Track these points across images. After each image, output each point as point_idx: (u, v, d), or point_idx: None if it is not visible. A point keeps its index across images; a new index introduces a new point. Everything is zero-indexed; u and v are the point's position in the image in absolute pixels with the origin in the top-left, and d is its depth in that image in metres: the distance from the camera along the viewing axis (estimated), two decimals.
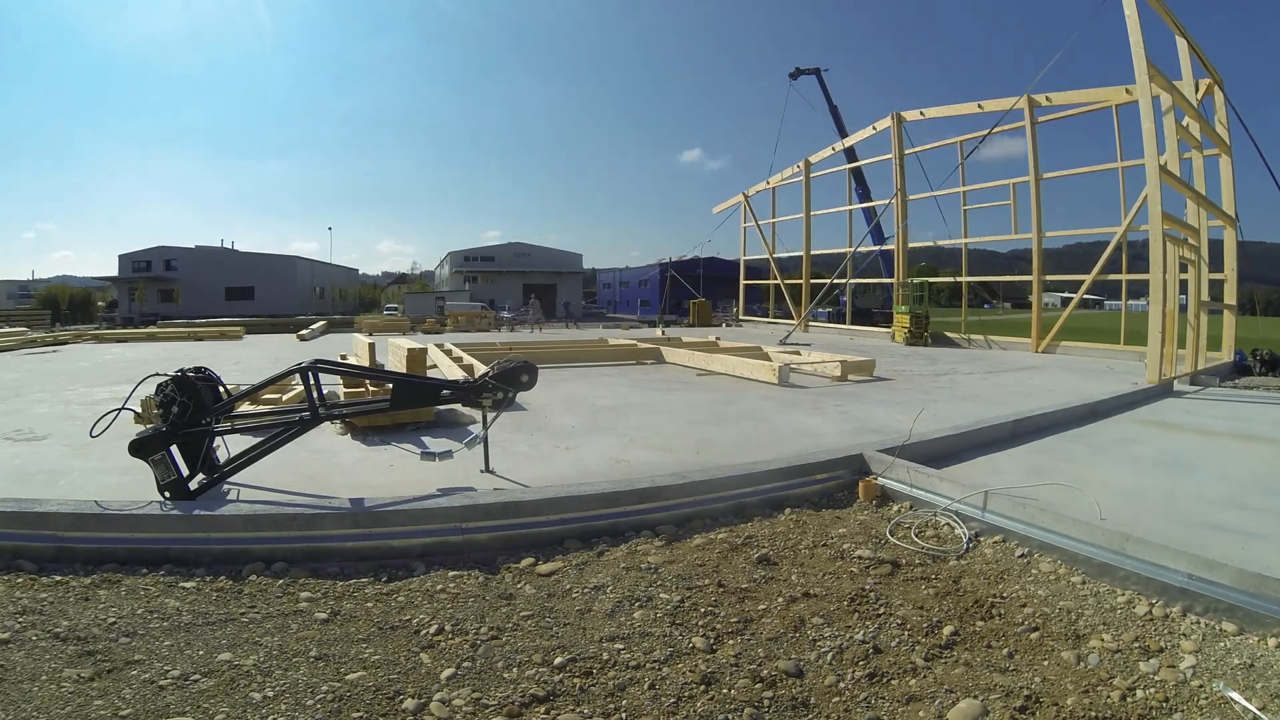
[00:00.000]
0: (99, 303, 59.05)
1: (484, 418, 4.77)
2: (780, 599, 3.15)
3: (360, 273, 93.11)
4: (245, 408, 5.49)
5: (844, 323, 25.53)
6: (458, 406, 5.40)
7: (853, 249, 22.91)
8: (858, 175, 24.81)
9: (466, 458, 4.82)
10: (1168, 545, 3.19)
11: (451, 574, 3.44)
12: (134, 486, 4.14)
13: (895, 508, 4.52)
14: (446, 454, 4.65)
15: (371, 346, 8.45)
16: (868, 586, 3.27)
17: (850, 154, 24.87)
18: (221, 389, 4.41)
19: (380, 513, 3.76)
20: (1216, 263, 12.93)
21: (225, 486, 4.23)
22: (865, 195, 26.74)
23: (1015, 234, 17.45)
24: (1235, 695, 2.38)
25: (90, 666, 2.49)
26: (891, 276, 21.58)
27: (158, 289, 53.48)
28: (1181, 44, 11.72)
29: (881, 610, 3.05)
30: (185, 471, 4.04)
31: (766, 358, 11.61)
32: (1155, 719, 2.32)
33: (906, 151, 20.23)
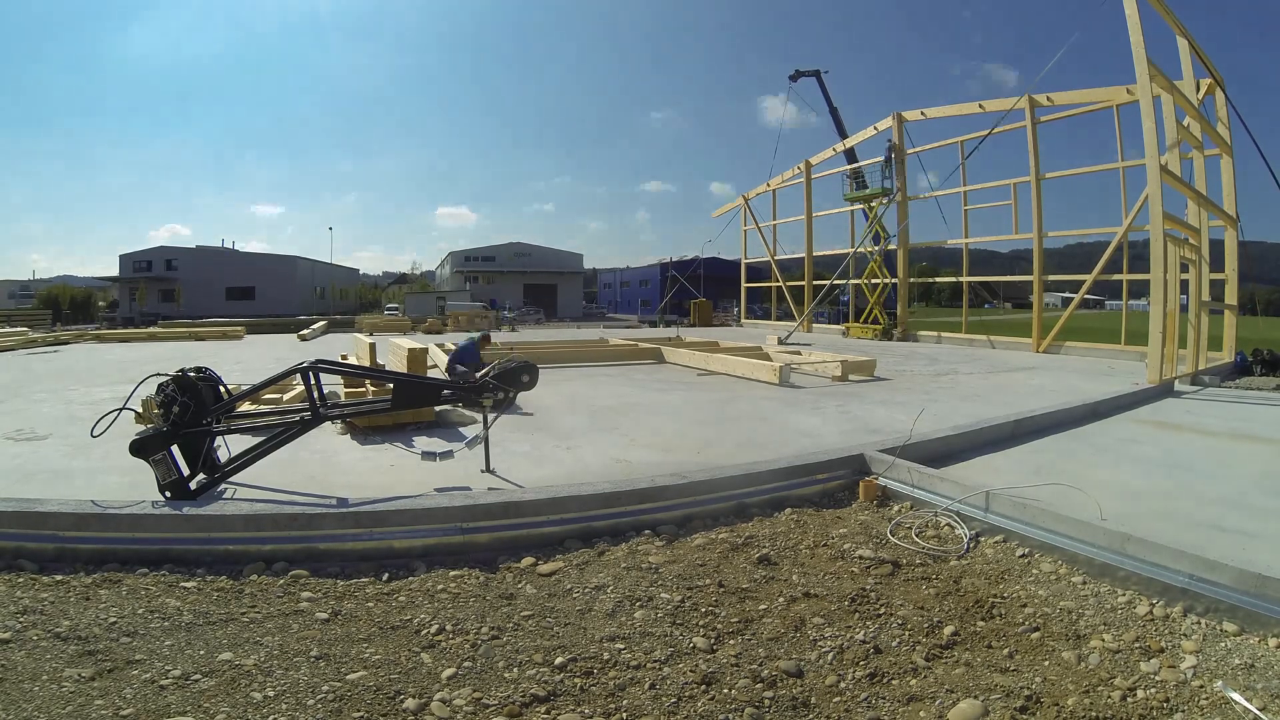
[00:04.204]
0: (100, 303, 59.10)
1: (485, 418, 4.78)
2: (781, 599, 3.15)
3: (361, 272, 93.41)
4: (246, 407, 5.50)
5: (844, 323, 25.53)
6: (459, 406, 5.40)
7: (854, 249, 22.91)
8: (858, 176, 24.79)
9: (467, 458, 4.83)
10: (1168, 545, 3.19)
11: (452, 574, 3.45)
12: (135, 486, 4.14)
13: (896, 508, 4.52)
14: (447, 454, 4.65)
15: (372, 346, 8.44)
16: (868, 586, 3.27)
17: (851, 155, 24.84)
18: (222, 389, 4.42)
19: (381, 513, 3.76)
20: (1217, 263, 12.91)
21: (226, 486, 4.23)
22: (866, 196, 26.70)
23: (1016, 234, 17.45)
24: (1236, 695, 2.38)
25: (91, 666, 2.49)
26: (893, 276, 21.61)
27: (159, 289, 53.55)
28: (1182, 44, 11.71)
29: (882, 610, 3.05)
30: (186, 471, 4.05)
31: (767, 358, 11.61)
32: (1156, 719, 2.32)
33: (908, 151, 20.24)
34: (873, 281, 22.75)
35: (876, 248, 22.51)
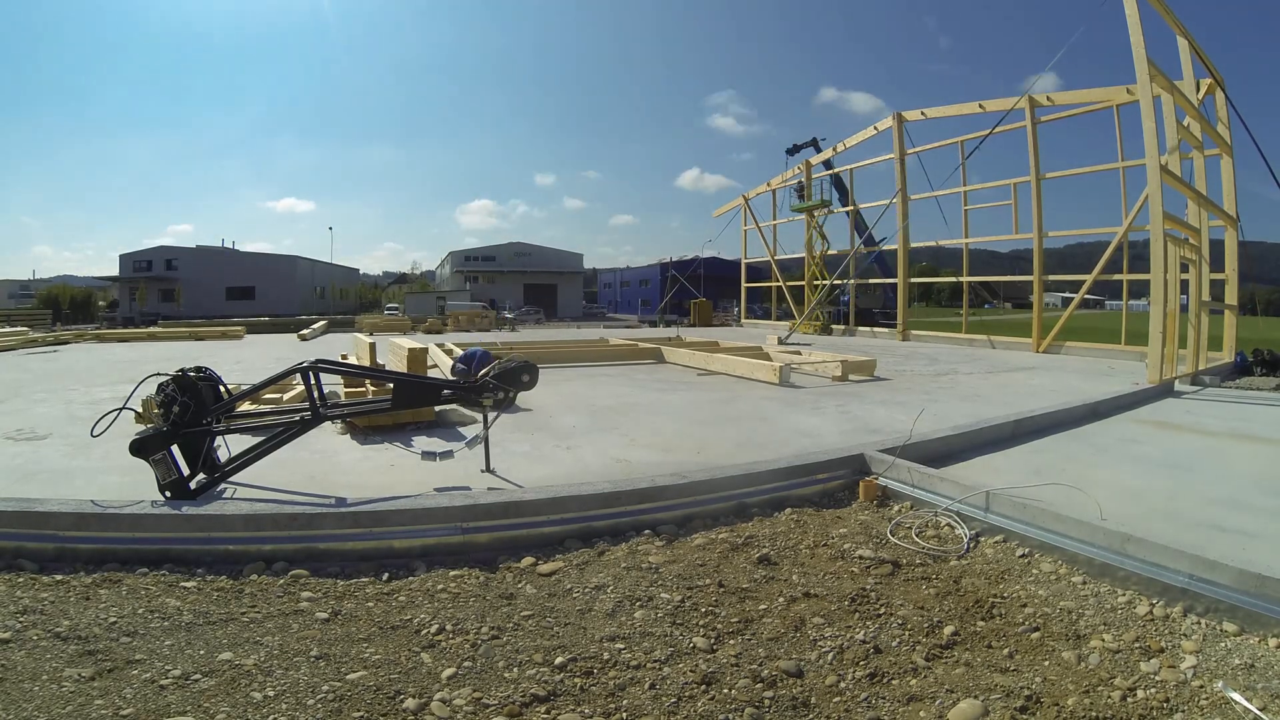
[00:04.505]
0: (100, 302, 59.12)
1: (485, 418, 4.78)
2: (781, 599, 3.15)
3: (361, 272, 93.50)
4: (246, 407, 5.49)
5: (843, 323, 25.58)
6: (459, 406, 5.41)
7: (854, 249, 22.95)
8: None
9: (467, 457, 4.83)
10: (1168, 545, 3.19)
11: (452, 574, 3.44)
12: (135, 486, 4.14)
13: (896, 508, 4.52)
14: (447, 454, 4.65)
15: (372, 346, 8.44)
16: (868, 586, 3.27)
17: (832, 166, 25.14)
18: (222, 388, 4.42)
19: (381, 512, 3.76)
20: (1217, 263, 12.91)
21: (226, 486, 4.23)
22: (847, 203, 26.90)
23: (1016, 234, 17.45)
24: (1236, 696, 2.38)
25: (91, 666, 2.49)
26: (890, 277, 21.74)
27: (159, 289, 53.58)
28: (1182, 44, 11.71)
29: (882, 610, 3.05)
30: (186, 471, 4.05)
31: (767, 358, 11.62)
32: (1156, 719, 2.32)
33: (908, 152, 20.24)
34: (815, 283, 24.97)
35: (819, 252, 25.39)
